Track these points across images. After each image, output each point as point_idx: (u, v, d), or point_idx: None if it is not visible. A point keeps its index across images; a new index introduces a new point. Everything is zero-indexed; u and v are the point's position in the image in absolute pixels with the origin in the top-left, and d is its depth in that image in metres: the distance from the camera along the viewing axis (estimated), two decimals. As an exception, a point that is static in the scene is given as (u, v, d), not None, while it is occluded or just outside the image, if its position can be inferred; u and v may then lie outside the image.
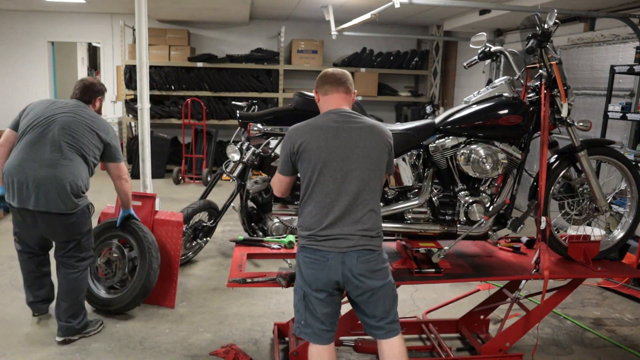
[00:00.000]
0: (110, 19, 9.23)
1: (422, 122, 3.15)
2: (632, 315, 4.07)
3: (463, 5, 6.06)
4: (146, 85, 4.48)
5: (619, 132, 5.40)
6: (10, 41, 9.13)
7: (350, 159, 2.36)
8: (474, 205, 3.00)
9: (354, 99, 2.57)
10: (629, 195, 3.35)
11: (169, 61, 8.74)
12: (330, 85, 2.49)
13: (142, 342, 3.39)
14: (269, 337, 3.51)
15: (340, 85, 2.49)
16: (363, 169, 2.37)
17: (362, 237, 2.35)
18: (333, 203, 2.35)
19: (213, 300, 4.06)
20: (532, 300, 3.49)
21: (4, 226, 5.74)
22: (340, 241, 2.33)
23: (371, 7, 6.22)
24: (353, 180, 2.36)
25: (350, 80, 2.53)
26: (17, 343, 3.33)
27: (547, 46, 2.98)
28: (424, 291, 4.27)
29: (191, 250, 4.81)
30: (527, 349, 3.40)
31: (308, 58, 9.06)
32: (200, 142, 8.73)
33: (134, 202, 4.02)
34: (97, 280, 3.82)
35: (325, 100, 2.51)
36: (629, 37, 5.38)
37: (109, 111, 9.65)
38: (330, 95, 2.49)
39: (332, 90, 2.49)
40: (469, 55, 3.67)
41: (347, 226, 2.34)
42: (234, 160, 4.40)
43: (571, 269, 3.12)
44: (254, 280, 2.76)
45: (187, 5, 7.28)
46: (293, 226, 4.43)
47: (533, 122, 3.05)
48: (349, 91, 2.52)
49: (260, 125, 3.34)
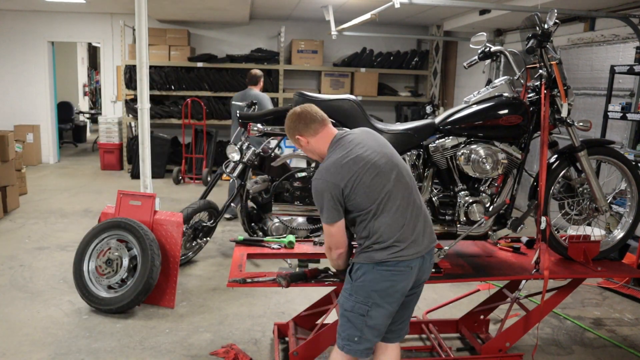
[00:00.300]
0: (110, 19, 9.23)
1: (422, 122, 3.15)
2: (632, 315, 4.07)
3: (463, 5, 6.06)
4: (146, 85, 4.48)
5: (619, 132, 5.40)
6: (10, 41, 9.13)
7: (394, 166, 2.38)
8: (474, 205, 3.00)
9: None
10: (629, 195, 3.35)
11: (169, 61, 8.73)
12: (316, 123, 2.43)
13: (142, 342, 3.39)
14: (269, 337, 3.51)
15: (323, 119, 2.46)
16: (401, 169, 2.41)
17: (430, 238, 2.41)
18: (404, 212, 2.33)
19: (213, 300, 4.06)
20: (532, 300, 3.49)
21: (4, 226, 5.75)
22: (417, 245, 2.34)
23: (371, 7, 6.22)
24: (401, 184, 2.37)
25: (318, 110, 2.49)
26: (17, 343, 3.33)
27: (547, 46, 2.98)
28: (424, 291, 4.22)
29: (191, 250, 4.81)
30: (527, 349, 3.40)
31: (308, 58, 9.06)
32: (200, 142, 8.73)
33: (133, 202, 4.03)
34: (97, 280, 3.82)
35: (319, 139, 2.44)
36: (629, 37, 5.38)
37: (109, 111, 9.66)
38: (321, 131, 2.44)
39: (320, 126, 2.44)
40: (469, 55, 3.67)
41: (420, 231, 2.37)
42: (234, 160, 4.40)
43: (571, 269, 3.12)
44: (254, 280, 2.76)
45: (187, 5, 7.28)
46: (293, 226, 4.45)
47: (533, 122, 3.05)
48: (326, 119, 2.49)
49: (260, 125, 3.33)
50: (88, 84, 14.71)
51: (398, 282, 2.31)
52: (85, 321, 3.63)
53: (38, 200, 6.91)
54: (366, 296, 2.33)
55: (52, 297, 3.99)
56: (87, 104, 14.65)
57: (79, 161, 10.02)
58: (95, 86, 15.37)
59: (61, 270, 4.52)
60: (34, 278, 4.35)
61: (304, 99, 3.27)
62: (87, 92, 14.63)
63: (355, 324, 2.36)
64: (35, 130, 9.10)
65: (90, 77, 15.07)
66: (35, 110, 9.29)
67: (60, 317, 3.68)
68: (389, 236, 2.29)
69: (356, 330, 2.36)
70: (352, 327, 2.37)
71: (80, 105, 13.55)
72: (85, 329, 3.52)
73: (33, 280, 4.30)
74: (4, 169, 6.11)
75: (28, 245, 5.15)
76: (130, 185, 7.80)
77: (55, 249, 5.08)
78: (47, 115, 9.37)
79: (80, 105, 13.51)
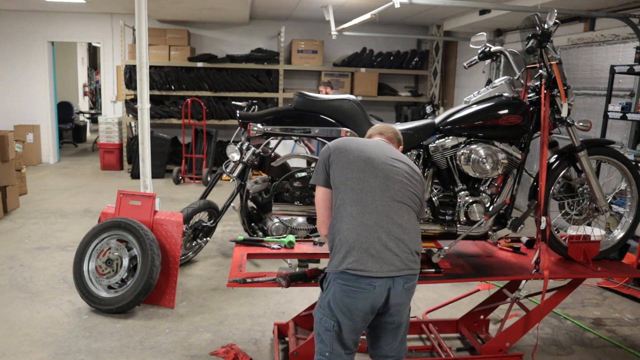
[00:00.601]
0: (110, 19, 9.23)
1: (422, 122, 3.15)
2: (632, 315, 4.06)
3: (463, 5, 6.06)
4: (146, 85, 4.48)
5: (619, 132, 5.40)
6: (10, 41, 9.12)
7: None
8: (474, 205, 3.00)
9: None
10: (629, 195, 3.35)
11: (169, 61, 8.73)
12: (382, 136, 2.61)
13: (142, 342, 3.39)
14: (269, 337, 3.50)
15: (396, 140, 2.63)
16: (396, 184, 2.39)
17: (404, 263, 2.19)
18: (377, 221, 2.23)
19: (213, 300, 4.06)
20: (532, 300, 3.49)
21: (4, 226, 5.75)
22: (383, 263, 2.16)
23: (371, 7, 6.22)
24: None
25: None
26: (17, 343, 3.33)
27: (547, 46, 2.98)
28: (424, 291, 4.26)
29: (191, 250, 4.81)
30: (527, 349, 3.40)
31: (308, 58, 9.06)
32: (200, 142, 8.73)
33: (133, 202, 4.03)
34: (97, 280, 3.82)
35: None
36: (629, 37, 5.38)
37: (109, 111, 9.66)
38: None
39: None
40: (469, 55, 3.67)
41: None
42: (234, 160, 4.40)
43: (571, 269, 3.12)
44: (254, 280, 2.76)
45: (187, 5, 7.28)
46: (293, 226, 4.45)
47: (533, 122, 3.05)
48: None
49: (260, 125, 3.33)
50: (88, 84, 14.72)
51: (358, 299, 2.15)
52: (85, 321, 3.63)
53: (38, 200, 6.91)
54: (330, 309, 2.22)
55: (52, 297, 3.99)
56: (87, 104, 14.65)
57: (79, 161, 10.02)
58: (95, 86, 15.37)
59: (61, 270, 4.52)
60: (34, 278, 4.35)
61: (304, 99, 3.27)
62: (87, 92, 14.63)
63: (324, 338, 2.25)
64: (35, 130, 9.10)
65: (90, 77, 15.08)
66: (35, 110, 9.29)
67: (60, 317, 3.68)
68: (347, 237, 2.18)
69: (325, 345, 2.25)
70: (322, 341, 2.27)
71: (80, 105, 13.56)
72: (85, 329, 3.52)
73: (33, 280, 4.30)
74: (4, 169, 6.11)
75: (28, 245, 5.15)
76: (130, 185, 7.80)
77: (55, 249, 5.08)
78: (47, 115, 9.37)
79: (80, 105, 13.52)
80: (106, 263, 3.82)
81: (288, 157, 3.90)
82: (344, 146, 2.37)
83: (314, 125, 3.25)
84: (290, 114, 3.34)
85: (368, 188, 2.24)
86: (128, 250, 3.84)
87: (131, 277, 3.78)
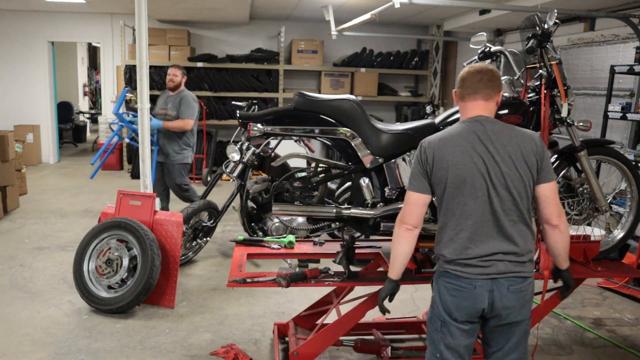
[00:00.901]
0: (110, 19, 9.23)
1: (422, 122, 3.15)
2: (632, 315, 4.07)
3: (463, 5, 6.06)
4: (146, 85, 4.48)
5: (619, 132, 5.40)
6: (10, 41, 9.13)
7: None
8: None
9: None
10: (629, 195, 3.35)
11: (169, 61, 8.72)
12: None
13: (142, 342, 3.39)
14: (269, 337, 3.50)
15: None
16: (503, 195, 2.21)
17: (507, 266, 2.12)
18: (480, 221, 2.15)
19: (213, 300, 4.06)
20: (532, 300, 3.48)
21: (4, 226, 5.75)
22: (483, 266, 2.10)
23: (371, 7, 6.22)
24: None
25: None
26: (17, 343, 3.33)
27: (547, 46, 2.98)
28: (424, 291, 4.26)
29: (191, 250, 4.81)
30: (527, 348, 3.39)
31: (308, 58, 9.06)
32: (200, 142, 8.73)
33: (133, 202, 4.03)
34: (97, 280, 3.82)
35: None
36: (629, 37, 5.38)
37: (109, 111, 9.65)
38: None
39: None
40: (469, 55, 3.67)
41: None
42: (234, 160, 4.40)
43: (571, 269, 3.11)
44: (254, 280, 2.76)
45: (187, 5, 7.28)
46: (293, 226, 4.44)
47: (533, 122, 3.05)
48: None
49: (260, 125, 3.33)
50: (88, 84, 14.73)
51: (462, 299, 2.11)
52: (85, 321, 3.63)
53: (38, 200, 6.91)
54: (438, 309, 2.19)
55: (52, 297, 3.99)
56: (87, 104, 14.65)
57: (79, 161, 10.02)
58: (95, 86, 15.38)
59: (61, 270, 4.52)
60: (34, 278, 4.35)
61: (304, 98, 3.27)
62: (87, 92, 14.63)
63: (433, 340, 2.20)
64: (35, 130, 9.11)
65: (90, 77, 15.09)
66: (35, 110, 9.29)
67: (60, 317, 3.68)
68: (456, 231, 2.12)
69: (435, 348, 2.19)
70: (432, 343, 2.21)
71: (80, 105, 13.56)
72: (85, 329, 3.52)
73: (33, 280, 4.30)
74: (4, 169, 6.11)
75: (28, 245, 5.15)
76: (130, 185, 7.80)
77: (55, 249, 5.08)
78: (47, 115, 9.37)
79: (80, 105, 13.52)
80: (106, 263, 3.82)
81: (288, 157, 3.89)
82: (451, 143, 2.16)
83: (314, 125, 3.25)
84: (290, 114, 3.33)
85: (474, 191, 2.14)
86: (128, 250, 3.84)
87: (131, 277, 3.79)
